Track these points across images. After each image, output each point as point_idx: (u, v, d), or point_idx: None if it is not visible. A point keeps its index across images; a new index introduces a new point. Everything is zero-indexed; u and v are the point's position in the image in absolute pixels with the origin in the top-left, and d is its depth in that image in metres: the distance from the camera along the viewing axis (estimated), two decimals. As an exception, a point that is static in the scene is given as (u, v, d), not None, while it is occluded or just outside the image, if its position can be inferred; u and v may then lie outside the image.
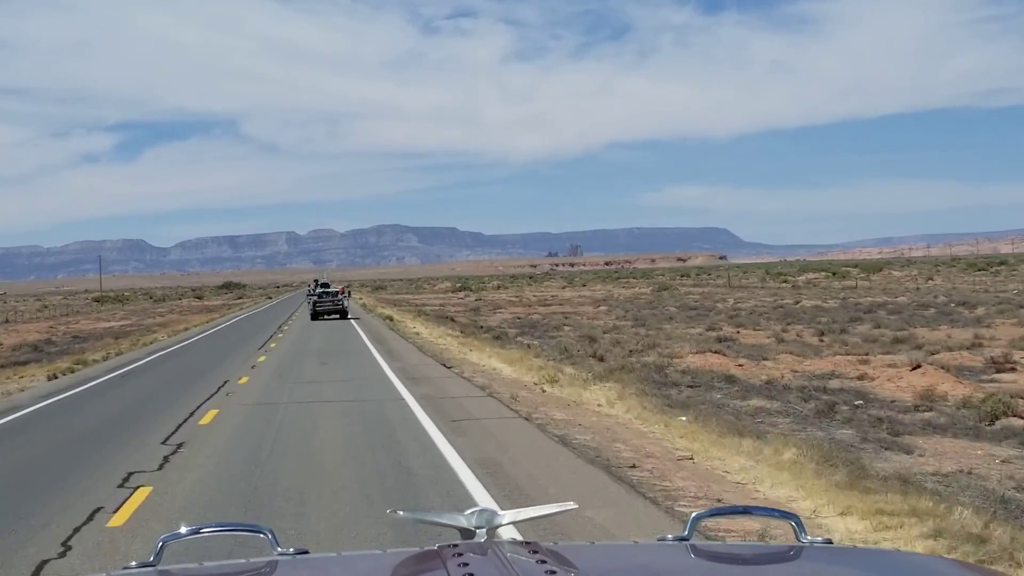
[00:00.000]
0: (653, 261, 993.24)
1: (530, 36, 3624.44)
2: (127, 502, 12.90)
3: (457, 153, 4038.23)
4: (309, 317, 73.88)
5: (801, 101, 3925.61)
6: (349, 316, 73.54)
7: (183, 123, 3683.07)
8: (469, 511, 2.84)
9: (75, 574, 9.68)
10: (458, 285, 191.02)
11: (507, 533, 3.12)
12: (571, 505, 3.19)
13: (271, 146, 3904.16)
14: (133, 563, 2.74)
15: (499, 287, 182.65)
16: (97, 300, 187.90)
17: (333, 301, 74.96)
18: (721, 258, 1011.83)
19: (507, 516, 2.90)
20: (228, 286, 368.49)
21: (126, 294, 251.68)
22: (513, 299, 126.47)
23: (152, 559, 2.70)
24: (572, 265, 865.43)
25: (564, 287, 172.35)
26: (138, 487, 13.86)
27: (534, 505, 3.46)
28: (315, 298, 75.60)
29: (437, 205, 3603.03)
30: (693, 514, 2.95)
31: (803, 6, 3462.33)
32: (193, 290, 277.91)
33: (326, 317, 72.66)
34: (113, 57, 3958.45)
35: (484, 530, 2.74)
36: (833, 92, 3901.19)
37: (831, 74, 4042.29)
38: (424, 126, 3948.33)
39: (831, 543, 2.92)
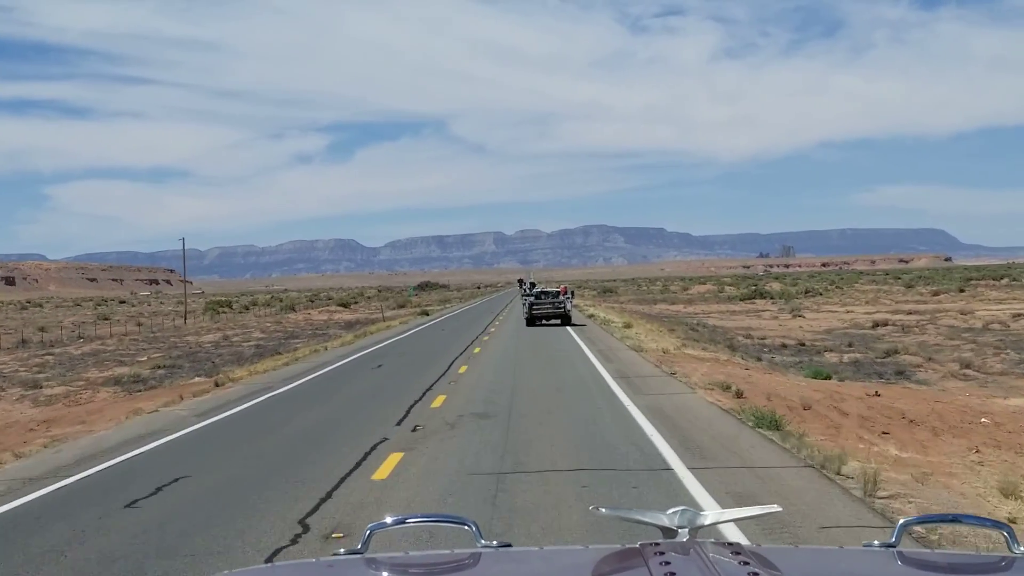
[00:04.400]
0: (873, 263, 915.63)
1: (739, 34, 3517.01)
2: None
3: (664, 153, 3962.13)
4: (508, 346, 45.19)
5: None
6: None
7: (393, 124, 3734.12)
8: (671, 510, 2.68)
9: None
10: (746, 290, 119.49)
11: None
12: (775, 508, 3.02)
13: (479, 146, 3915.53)
14: (341, 550, 2.73)
15: (806, 292, 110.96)
16: (213, 308, 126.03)
17: (553, 304, 58.26)
18: (946, 260, 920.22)
19: (710, 516, 2.72)
20: (424, 287, 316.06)
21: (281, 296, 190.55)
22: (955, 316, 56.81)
23: (360, 547, 2.68)
24: (787, 267, 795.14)
25: (1001, 292, 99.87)
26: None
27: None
28: (531, 299, 58.91)
29: (644, 205, 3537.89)
30: (901, 520, 2.74)
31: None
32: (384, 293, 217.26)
33: (544, 322, 57.55)
34: (327, 60, 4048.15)
35: (686, 530, 2.62)
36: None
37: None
38: (632, 126, 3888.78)
39: None
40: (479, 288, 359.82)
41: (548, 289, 61.88)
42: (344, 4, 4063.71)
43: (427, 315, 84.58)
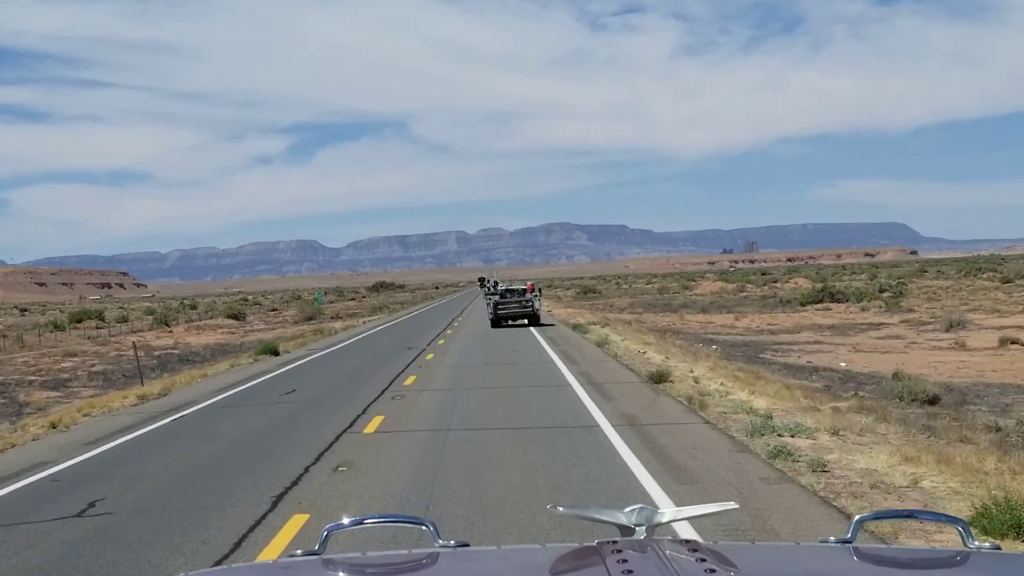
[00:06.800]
0: (839, 257, 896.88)
1: (699, 31, 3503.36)
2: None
3: (626, 150, 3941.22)
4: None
5: (982, 92, 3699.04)
6: None
7: (354, 124, 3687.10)
8: (628, 508, 2.65)
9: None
10: (816, 288, 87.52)
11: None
12: (731, 505, 2.96)
13: (441, 146, 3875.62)
14: (299, 551, 2.67)
15: (881, 291, 79.08)
16: (77, 318, 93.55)
17: (520, 303, 54.53)
18: (912, 253, 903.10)
19: (667, 514, 2.69)
20: (379, 287, 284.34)
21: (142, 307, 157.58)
22: None
23: (317, 548, 2.63)
24: (752, 262, 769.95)
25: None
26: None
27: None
28: (496, 298, 55.09)
29: (606, 203, 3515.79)
30: (856, 517, 2.70)
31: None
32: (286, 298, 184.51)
33: (511, 322, 53.48)
34: (286, 61, 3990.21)
35: (643, 528, 2.59)
36: (1017, 81, 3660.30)
37: (1014, 62, 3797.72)
38: (592, 124, 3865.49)
39: (999, 549, 2.60)
40: (437, 288, 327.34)
41: (514, 287, 57.25)
42: (301, 5, 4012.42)
43: (276, 355, 40.59)
